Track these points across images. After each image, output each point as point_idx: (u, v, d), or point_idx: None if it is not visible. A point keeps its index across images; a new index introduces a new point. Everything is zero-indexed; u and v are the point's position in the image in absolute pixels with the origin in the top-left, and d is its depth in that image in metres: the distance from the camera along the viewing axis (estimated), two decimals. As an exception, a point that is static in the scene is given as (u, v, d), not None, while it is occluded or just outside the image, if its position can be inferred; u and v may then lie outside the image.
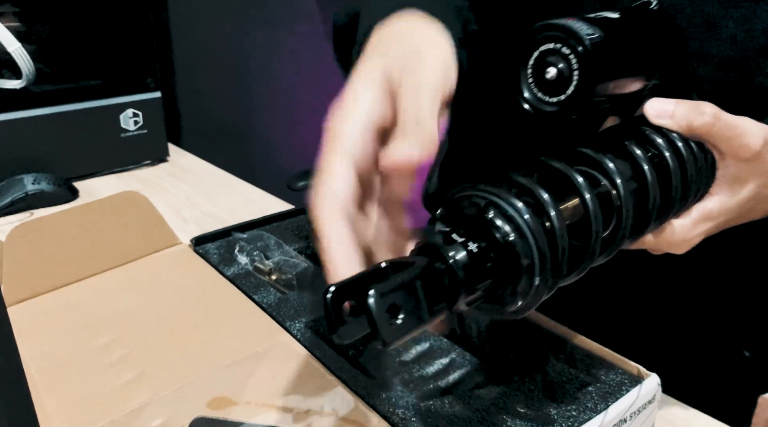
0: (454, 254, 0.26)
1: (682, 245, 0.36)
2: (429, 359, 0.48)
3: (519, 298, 0.28)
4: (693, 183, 0.34)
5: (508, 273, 0.27)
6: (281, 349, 0.44)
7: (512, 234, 0.26)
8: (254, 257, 0.56)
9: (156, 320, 0.48)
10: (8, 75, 0.81)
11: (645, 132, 0.34)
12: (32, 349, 0.45)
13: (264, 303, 0.50)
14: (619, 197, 0.30)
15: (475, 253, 0.26)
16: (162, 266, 0.57)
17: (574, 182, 0.29)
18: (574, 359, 0.41)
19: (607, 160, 0.31)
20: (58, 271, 0.54)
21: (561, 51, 0.31)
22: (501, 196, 0.27)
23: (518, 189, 0.28)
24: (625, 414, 0.37)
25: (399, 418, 0.38)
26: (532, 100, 0.33)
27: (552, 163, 0.30)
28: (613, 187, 0.30)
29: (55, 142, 0.88)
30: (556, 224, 0.27)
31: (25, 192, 0.79)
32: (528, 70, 0.32)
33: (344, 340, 0.25)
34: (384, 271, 0.26)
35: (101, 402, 0.40)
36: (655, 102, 0.34)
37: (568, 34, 0.30)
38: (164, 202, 0.82)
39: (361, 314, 0.23)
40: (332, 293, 0.24)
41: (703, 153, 0.35)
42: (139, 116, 0.95)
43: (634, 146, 0.32)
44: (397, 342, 0.24)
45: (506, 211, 0.27)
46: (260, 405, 0.39)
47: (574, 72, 0.30)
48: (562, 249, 0.27)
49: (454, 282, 0.26)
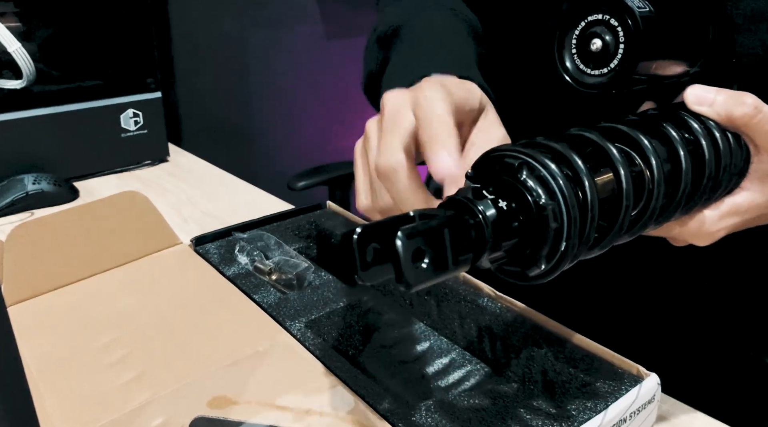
0: (483, 208, 0.26)
1: (706, 237, 0.35)
2: (429, 359, 0.48)
3: (542, 261, 0.27)
4: (726, 174, 0.33)
5: (535, 234, 0.27)
6: (281, 349, 0.45)
7: (544, 196, 0.26)
8: (254, 257, 0.56)
9: (156, 319, 0.48)
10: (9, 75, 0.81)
11: (683, 117, 0.33)
12: (33, 349, 0.45)
13: (264, 303, 0.50)
14: (652, 178, 0.30)
15: (504, 210, 0.26)
16: (162, 265, 0.57)
17: (610, 156, 0.29)
18: (574, 358, 0.41)
19: (644, 139, 0.30)
20: (58, 271, 0.54)
21: (609, 22, 0.30)
22: (535, 158, 0.27)
23: (552, 154, 0.28)
24: (624, 414, 0.37)
25: (399, 418, 0.38)
26: (573, 70, 0.32)
27: (587, 135, 0.29)
28: (647, 168, 0.30)
29: (56, 142, 0.88)
30: (589, 193, 0.27)
31: (26, 192, 0.80)
32: (573, 40, 0.32)
33: (368, 281, 0.25)
34: (411, 219, 0.25)
35: (102, 402, 0.40)
36: (695, 88, 0.34)
37: (618, 6, 0.30)
38: (164, 202, 0.82)
39: (385, 260, 0.23)
40: (359, 234, 0.24)
41: (739, 145, 0.34)
42: (140, 116, 0.95)
43: (671, 129, 0.32)
44: (420, 286, 0.24)
45: (540, 172, 0.26)
46: (260, 405, 0.39)
47: (620, 45, 0.30)
48: (591, 217, 0.27)
49: (480, 236, 0.26)
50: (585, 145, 0.29)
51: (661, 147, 0.31)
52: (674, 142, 0.31)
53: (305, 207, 0.66)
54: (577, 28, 0.31)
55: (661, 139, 0.31)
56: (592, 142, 0.29)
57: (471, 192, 0.27)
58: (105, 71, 0.92)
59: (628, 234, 0.31)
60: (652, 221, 0.31)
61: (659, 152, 0.30)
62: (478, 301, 0.47)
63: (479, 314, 0.47)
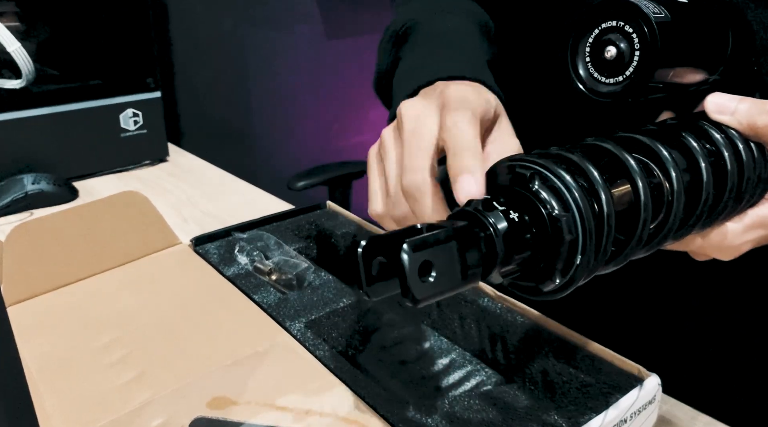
0: (494, 221, 0.25)
1: (730, 250, 0.34)
2: (429, 359, 0.48)
3: (557, 276, 0.26)
4: (749, 186, 0.32)
5: (548, 247, 0.26)
6: (281, 349, 0.44)
7: (557, 207, 0.25)
8: (254, 257, 0.56)
9: (156, 319, 0.48)
10: (8, 75, 0.81)
11: (703, 127, 0.32)
12: (32, 349, 0.45)
13: (264, 303, 0.50)
14: (671, 190, 0.29)
15: (516, 222, 0.26)
16: (162, 265, 0.57)
17: (627, 167, 0.27)
18: (575, 359, 0.41)
19: (663, 150, 0.29)
20: (58, 271, 0.54)
21: (624, 29, 0.29)
22: (548, 168, 0.26)
23: (567, 164, 0.27)
24: (625, 414, 0.37)
25: (399, 418, 0.38)
26: (586, 78, 0.31)
27: (603, 145, 0.28)
28: (666, 179, 0.29)
29: (55, 142, 0.88)
30: (605, 205, 0.26)
31: (25, 192, 0.79)
32: (587, 47, 0.31)
33: (374, 296, 0.24)
34: (419, 231, 0.25)
35: (101, 402, 0.40)
36: (716, 96, 0.32)
37: (633, 12, 0.29)
38: (164, 202, 0.82)
39: (392, 274, 0.23)
40: (364, 247, 0.23)
41: (764, 156, 0.33)
42: (139, 116, 0.95)
43: (692, 140, 0.30)
44: (428, 301, 0.23)
45: (553, 183, 0.26)
46: (260, 405, 0.39)
47: (635, 53, 0.29)
48: (608, 230, 0.26)
49: (491, 249, 0.25)
50: (601, 156, 0.28)
51: (681, 158, 0.30)
52: (695, 153, 0.30)
53: (305, 207, 0.66)
54: (591, 35, 0.30)
55: (680, 150, 0.30)
56: (609, 153, 0.28)
57: (481, 204, 0.26)
58: (104, 71, 0.92)
59: (646, 248, 0.30)
60: (671, 234, 0.30)
61: (679, 163, 0.29)
62: (478, 301, 0.47)
63: (480, 314, 0.47)
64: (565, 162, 0.27)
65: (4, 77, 0.81)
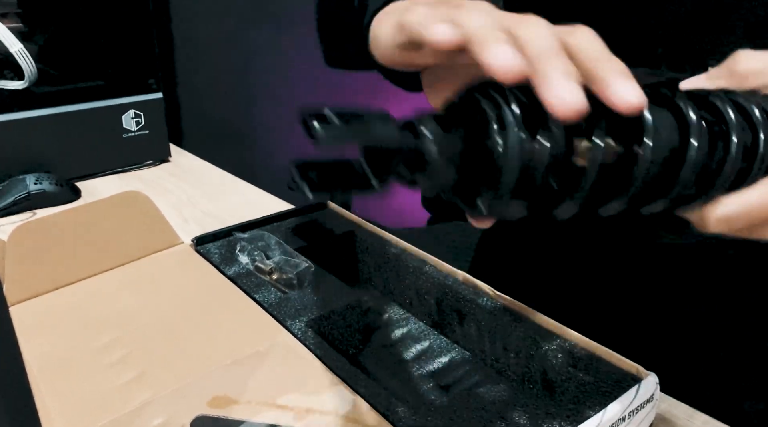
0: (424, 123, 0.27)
1: (719, 224, 0.30)
2: (429, 358, 0.48)
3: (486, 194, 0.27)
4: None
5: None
6: (282, 348, 0.45)
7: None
8: (255, 257, 0.56)
9: (157, 319, 0.49)
10: (10, 76, 0.82)
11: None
12: (34, 348, 0.45)
13: (265, 302, 0.50)
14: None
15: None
16: (163, 265, 0.57)
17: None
18: (573, 357, 0.41)
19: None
20: (59, 271, 0.54)
21: None
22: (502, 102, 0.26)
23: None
24: (623, 413, 0.37)
25: (399, 417, 0.38)
26: None
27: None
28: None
29: (57, 142, 0.88)
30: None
31: (28, 192, 0.80)
32: None
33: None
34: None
35: (102, 401, 0.40)
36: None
37: None
38: (166, 202, 0.83)
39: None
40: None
41: None
42: (141, 117, 0.95)
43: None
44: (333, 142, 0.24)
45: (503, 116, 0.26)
46: (261, 404, 0.39)
47: None
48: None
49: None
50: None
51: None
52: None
53: (305, 207, 0.67)
54: None
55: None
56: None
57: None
58: (106, 72, 0.92)
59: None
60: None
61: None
62: (477, 300, 0.47)
63: (479, 313, 0.47)
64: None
65: (6, 78, 0.81)
